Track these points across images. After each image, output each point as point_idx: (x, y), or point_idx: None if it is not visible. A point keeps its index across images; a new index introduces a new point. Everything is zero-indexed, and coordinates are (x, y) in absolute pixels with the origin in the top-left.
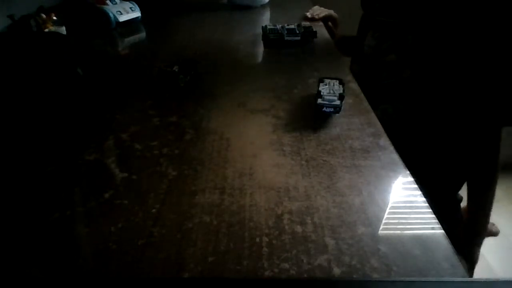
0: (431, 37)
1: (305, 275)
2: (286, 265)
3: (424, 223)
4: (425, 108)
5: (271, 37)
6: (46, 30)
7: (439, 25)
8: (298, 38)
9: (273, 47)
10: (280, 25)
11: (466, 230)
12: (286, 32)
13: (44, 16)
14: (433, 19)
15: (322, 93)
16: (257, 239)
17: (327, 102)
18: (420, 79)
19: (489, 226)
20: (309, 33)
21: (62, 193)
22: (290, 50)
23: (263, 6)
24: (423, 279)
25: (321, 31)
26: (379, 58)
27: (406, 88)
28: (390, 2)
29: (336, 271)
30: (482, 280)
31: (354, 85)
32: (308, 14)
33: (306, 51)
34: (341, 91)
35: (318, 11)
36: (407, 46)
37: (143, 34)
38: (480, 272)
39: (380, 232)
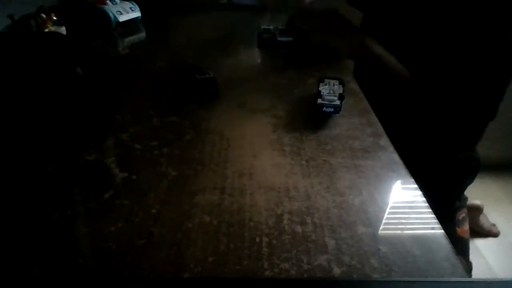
0: (431, 37)
1: (305, 275)
2: (286, 265)
3: (424, 223)
4: (423, 110)
5: (264, 37)
6: (46, 30)
7: (438, 24)
8: (291, 39)
9: (267, 48)
10: (273, 26)
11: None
12: (278, 32)
13: (44, 16)
14: (431, 17)
15: (322, 93)
16: (257, 239)
17: (327, 102)
18: (421, 81)
19: (490, 226)
20: (302, 34)
21: (62, 193)
22: (290, 50)
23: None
24: (423, 279)
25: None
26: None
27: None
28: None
29: (336, 271)
30: (482, 280)
31: (354, 85)
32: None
33: (306, 51)
34: (341, 91)
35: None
36: (407, 47)
37: (143, 34)
38: (480, 272)
39: (380, 232)
